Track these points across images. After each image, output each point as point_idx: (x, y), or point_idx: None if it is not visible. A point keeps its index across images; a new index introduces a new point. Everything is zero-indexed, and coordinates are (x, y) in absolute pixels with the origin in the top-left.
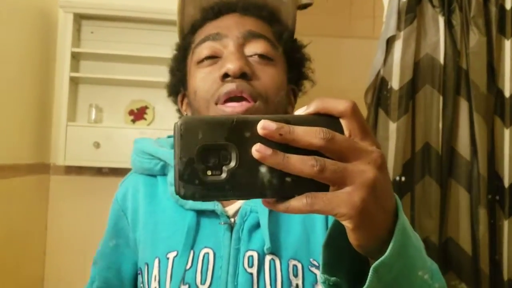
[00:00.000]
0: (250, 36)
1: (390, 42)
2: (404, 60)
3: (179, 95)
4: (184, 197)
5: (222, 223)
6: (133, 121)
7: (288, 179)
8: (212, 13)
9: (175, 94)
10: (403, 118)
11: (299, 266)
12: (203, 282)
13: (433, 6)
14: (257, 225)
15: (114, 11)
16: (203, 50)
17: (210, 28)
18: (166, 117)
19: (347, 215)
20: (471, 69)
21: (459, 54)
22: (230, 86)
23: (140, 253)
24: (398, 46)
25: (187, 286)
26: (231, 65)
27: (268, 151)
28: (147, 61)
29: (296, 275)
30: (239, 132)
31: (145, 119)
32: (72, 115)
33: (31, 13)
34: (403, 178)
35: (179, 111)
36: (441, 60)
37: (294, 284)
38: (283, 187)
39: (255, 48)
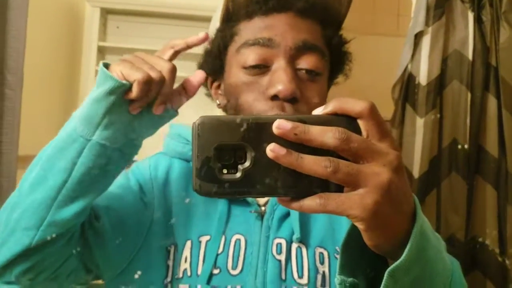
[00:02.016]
0: (303, 48)
1: (418, 37)
2: (432, 55)
3: (209, 77)
4: (201, 193)
5: (253, 211)
6: None
7: (302, 178)
8: (265, 8)
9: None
10: (430, 113)
11: (325, 253)
12: (234, 267)
13: (463, 2)
14: (286, 214)
15: (139, 6)
16: (251, 55)
17: (260, 27)
18: (188, 113)
19: (359, 217)
20: (500, 65)
21: (488, 50)
22: (278, 112)
23: (163, 232)
24: (426, 41)
25: (218, 270)
26: (282, 87)
27: (282, 151)
28: None
29: (322, 263)
30: (254, 132)
31: None
32: None
33: (59, 7)
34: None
35: (209, 95)
36: (470, 56)
37: (320, 272)
38: (297, 186)
39: (306, 63)
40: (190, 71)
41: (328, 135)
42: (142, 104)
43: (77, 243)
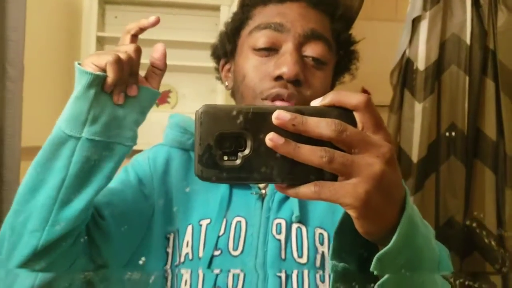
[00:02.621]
0: (311, 36)
1: (415, 22)
2: (430, 40)
3: (222, 60)
4: (202, 178)
5: (254, 193)
6: (157, 104)
7: (299, 166)
8: None
9: (217, 58)
10: (428, 98)
11: (325, 234)
12: (235, 248)
13: None
14: (287, 196)
15: None
16: (262, 38)
17: (274, 13)
18: (189, 101)
19: (351, 205)
20: (498, 48)
21: (486, 34)
22: (282, 92)
23: (163, 221)
24: (424, 26)
25: (219, 251)
26: (287, 69)
27: (280, 140)
28: (170, 45)
29: (322, 243)
30: (255, 122)
31: (168, 102)
32: None
33: None
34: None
35: (219, 78)
36: (468, 40)
37: (320, 252)
38: (294, 174)
39: (312, 51)
40: (178, 59)
41: (325, 126)
42: (122, 89)
43: (84, 243)
